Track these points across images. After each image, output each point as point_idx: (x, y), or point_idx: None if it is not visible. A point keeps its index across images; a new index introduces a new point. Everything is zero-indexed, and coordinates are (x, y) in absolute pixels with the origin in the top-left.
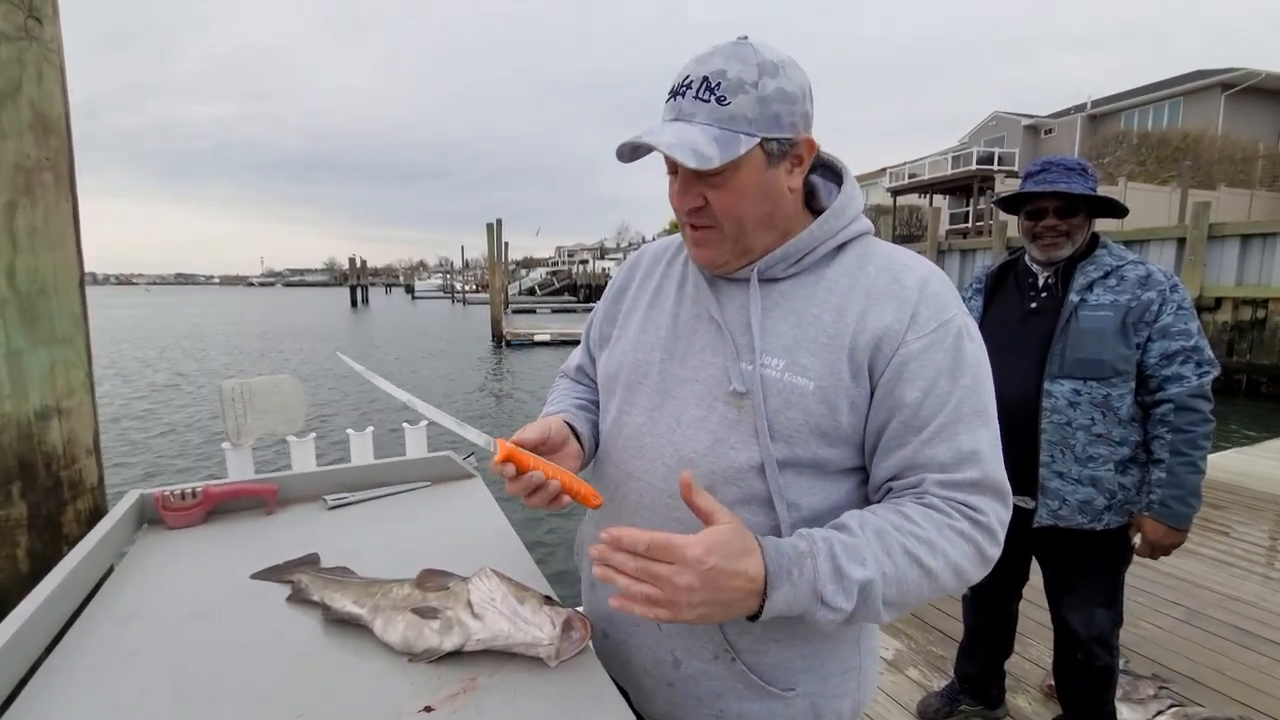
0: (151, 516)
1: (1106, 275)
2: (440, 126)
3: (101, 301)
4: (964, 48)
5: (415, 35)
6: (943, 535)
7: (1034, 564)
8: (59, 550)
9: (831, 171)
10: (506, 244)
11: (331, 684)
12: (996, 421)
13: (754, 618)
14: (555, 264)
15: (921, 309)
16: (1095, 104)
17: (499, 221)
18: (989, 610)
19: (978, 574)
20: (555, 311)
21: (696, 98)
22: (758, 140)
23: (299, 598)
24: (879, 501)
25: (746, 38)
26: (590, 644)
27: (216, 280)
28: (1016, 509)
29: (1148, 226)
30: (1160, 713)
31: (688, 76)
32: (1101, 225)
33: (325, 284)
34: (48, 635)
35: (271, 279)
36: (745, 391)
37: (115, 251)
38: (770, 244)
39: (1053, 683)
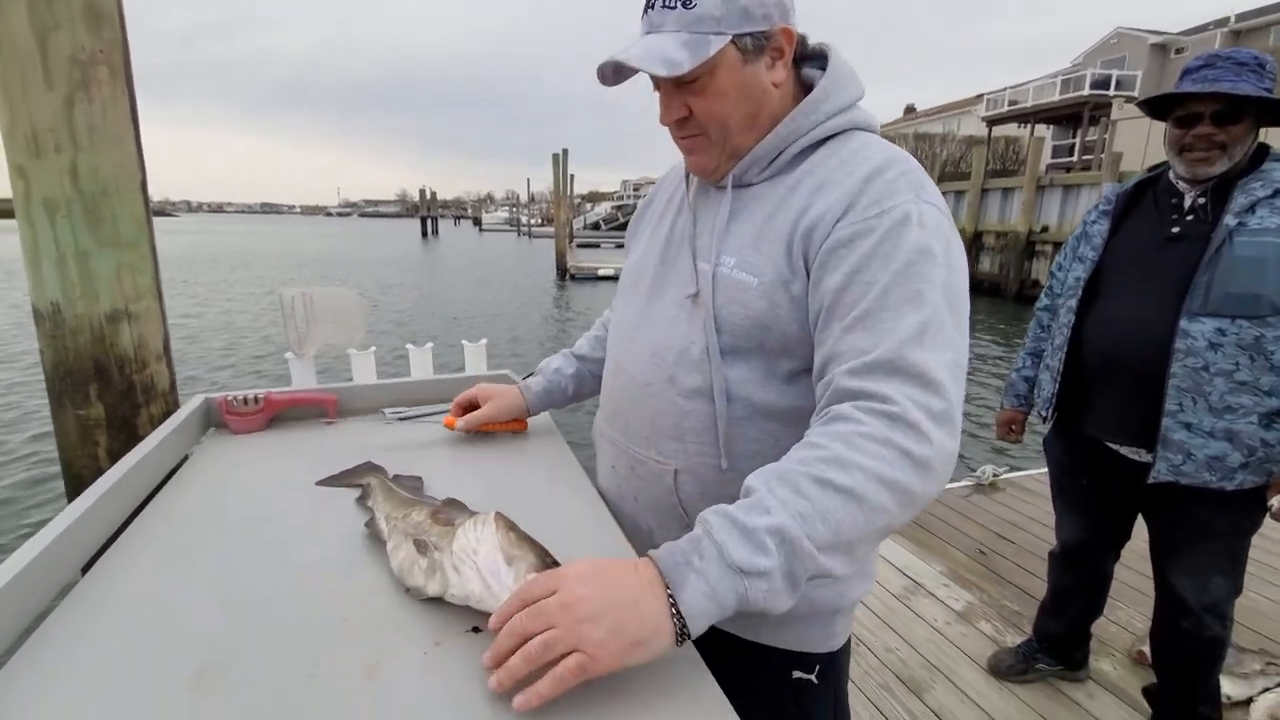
0: (216, 420)
1: (1276, 194)
2: (508, 57)
3: (212, 228)
4: None
5: None
6: (851, 447)
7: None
8: None
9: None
10: (572, 176)
11: (375, 603)
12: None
13: (685, 638)
14: (621, 198)
15: (862, 197)
16: (1240, 17)
17: (565, 152)
18: (1081, 568)
19: (920, 481)
20: (619, 246)
21: (664, 6)
22: (729, 38)
23: (364, 501)
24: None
25: None
26: None
27: (298, 209)
28: (1128, 462)
29: None
30: (1267, 690)
31: None
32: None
33: (397, 215)
34: (109, 527)
35: (348, 209)
36: (695, 292)
37: (208, 181)
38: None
39: (1144, 649)
